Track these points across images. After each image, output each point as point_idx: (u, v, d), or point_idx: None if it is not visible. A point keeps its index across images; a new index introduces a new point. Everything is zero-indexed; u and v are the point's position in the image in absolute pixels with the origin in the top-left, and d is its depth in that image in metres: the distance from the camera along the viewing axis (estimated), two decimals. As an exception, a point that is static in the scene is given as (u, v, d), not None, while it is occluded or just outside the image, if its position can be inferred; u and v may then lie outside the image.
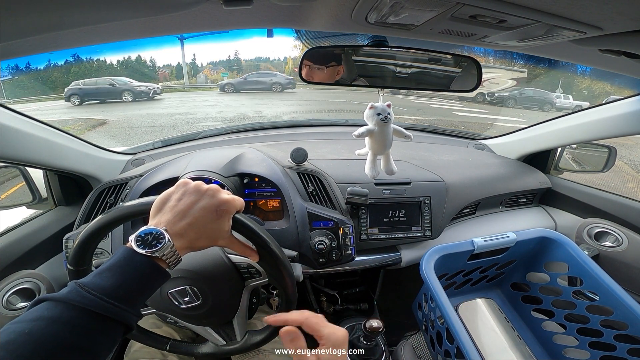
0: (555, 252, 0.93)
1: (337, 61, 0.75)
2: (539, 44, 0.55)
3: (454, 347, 0.72)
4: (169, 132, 5.59)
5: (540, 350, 0.96)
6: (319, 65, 0.76)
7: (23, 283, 0.79)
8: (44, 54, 0.91)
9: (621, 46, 0.50)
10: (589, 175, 1.52)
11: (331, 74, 0.77)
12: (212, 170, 0.82)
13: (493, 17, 0.43)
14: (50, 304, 0.33)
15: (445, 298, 0.76)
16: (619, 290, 0.79)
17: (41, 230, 0.90)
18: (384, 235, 0.95)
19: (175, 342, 0.65)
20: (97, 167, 1.03)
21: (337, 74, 0.76)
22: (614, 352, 0.81)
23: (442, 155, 1.24)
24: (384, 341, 0.96)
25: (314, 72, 0.76)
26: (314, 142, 1.26)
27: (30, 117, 0.82)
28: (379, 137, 0.78)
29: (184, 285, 0.56)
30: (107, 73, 11.58)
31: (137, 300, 0.39)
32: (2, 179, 1.03)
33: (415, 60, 0.76)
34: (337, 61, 0.75)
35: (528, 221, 1.19)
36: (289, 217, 0.84)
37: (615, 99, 0.96)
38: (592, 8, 0.38)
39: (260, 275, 0.59)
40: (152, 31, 0.55)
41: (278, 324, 0.44)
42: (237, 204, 0.48)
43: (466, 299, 1.01)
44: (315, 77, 0.77)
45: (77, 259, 0.49)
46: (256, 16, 0.52)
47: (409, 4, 0.42)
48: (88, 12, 0.40)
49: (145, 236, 0.40)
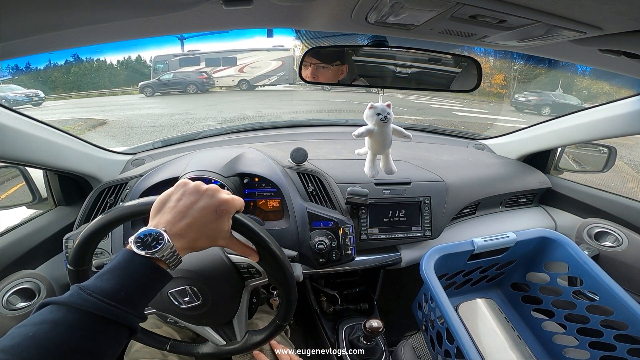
0: (555, 252, 0.93)
1: (337, 61, 0.75)
2: (539, 44, 0.55)
3: (454, 347, 0.72)
4: (169, 132, 5.58)
5: (540, 350, 0.96)
6: (319, 65, 0.76)
7: (23, 283, 0.79)
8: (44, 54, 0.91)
9: (621, 46, 0.50)
10: (589, 175, 1.52)
11: (331, 74, 0.77)
12: (212, 170, 0.82)
13: (493, 17, 0.43)
14: (53, 308, 0.34)
15: (445, 298, 0.76)
16: (619, 290, 0.79)
17: (41, 230, 0.90)
18: (384, 235, 0.95)
19: (175, 342, 0.65)
20: (97, 167, 1.02)
21: (339, 75, 0.76)
22: (614, 352, 0.81)
23: (442, 155, 1.24)
24: (384, 341, 0.96)
25: (314, 72, 0.76)
26: (314, 142, 1.26)
27: (30, 117, 0.82)
28: (379, 137, 0.78)
29: (184, 285, 0.56)
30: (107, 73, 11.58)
31: (140, 302, 0.39)
32: (2, 179, 1.03)
33: (415, 60, 0.76)
34: (338, 61, 0.75)
35: (528, 221, 1.19)
36: (289, 217, 0.84)
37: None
38: (592, 8, 0.38)
39: (260, 275, 0.59)
40: (152, 31, 0.55)
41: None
42: (237, 204, 0.48)
43: (466, 299, 1.01)
44: (315, 78, 0.77)
45: (77, 259, 0.49)
46: (256, 16, 0.52)
47: (409, 4, 0.42)
48: (88, 12, 0.40)
49: (144, 237, 0.40)
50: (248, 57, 10.21)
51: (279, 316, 0.59)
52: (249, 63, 10.19)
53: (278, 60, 10.32)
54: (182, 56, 9.78)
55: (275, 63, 10.32)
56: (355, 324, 1.02)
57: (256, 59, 10.29)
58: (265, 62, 10.30)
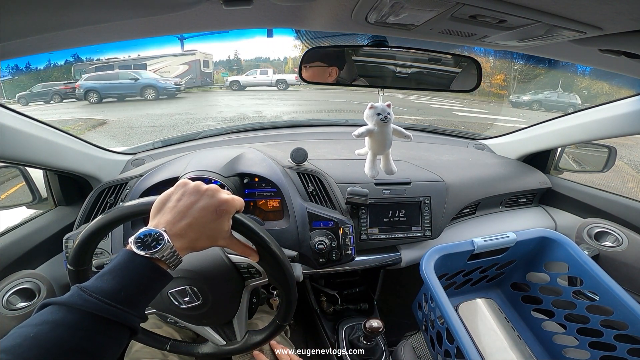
0: (555, 252, 0.93)
1: (337, 61, 0.75)
2: (539, 44, 0.55)
3: (454, 347, 0.72)
4: (169, 132, 5.58)
5: (540, 350, 0.96)
6: (319, 65, 0.76)
7: (23, 283, 0.79)
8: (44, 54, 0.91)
9: (621, 46, 0.50)
10: (589, 175, 1.52)
11: (331, 74, 0.77)
12: (212, 170, 0.82)
13: (493, 17, 0.43)
14: (54, 308, 0.34)
15: (445, 298, 0.76)
16: (619, 290, 0.79)
17: (41, 230, 0.90)
18: (384, 235, 0.95)
19: (175, 342, 0.65)
20: (97, 167, 1.02)
21: (338, 74, 0.76)
22: (614, 352, 0.81)
23: (442, 155, 1.24)
24: (384, 341, 0.96)
25: (314, 72, 0.76)
26: (314, 142, 1.26)
27: (30, 117, 0.82)
28: (379, 137, 0.78)
29: (184, 285, 0.56)
30: (107, 73, 11.60)
31: (140, 302, 0.39)
32: (2, 179, 1.03)
33: (415, 60, 0.76)
34: (337, 61, 0.75)
35: (528, 221, 1.19)
36: (289, 217, 0.84)
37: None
38: (592, 8, 0.38)
39: (260, 275, 0.59)
40: (152, 31, 0.55)
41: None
42: (237, 204, 0.48)
43: (466, 299, 1.01)
44: (315, 78, 0.77)
45: (77, 259, 0.49)
46: (256, 16, 0.52)
47: (409, 4, 0.42)
48: (88, 12, 0.40)
49: (144, 238, 0.40)
50: (158, 62, 10.63)
51: (279, 316, 0.59)
52: (159, 68, 10.54)
53: (185, 64, 10.81)
54: (99, 64, 9.67)
55: (183, 67, 10.78)
56: (355, 324, 1.02)
57: (166, 64, 10.74)
58: (174, 66, 10.77)
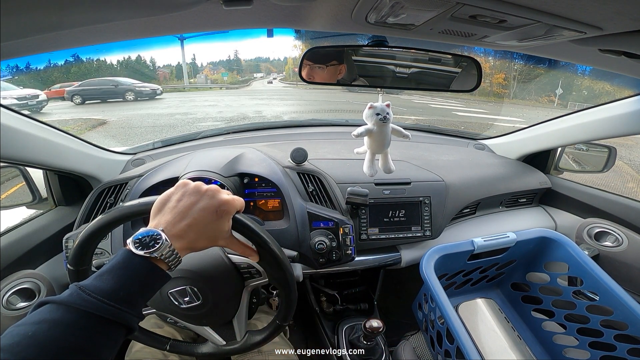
0: (555, 252, 0.93)
1: (337, 61, 0.75)
2: (539, 44, 0.55)
3: (454, 347, 0.72)
4: (169, 132, 5.58)
5: (540, 350, 0.96)
6: (319, 65, 0.76)
7: (23, 283, 0.79)
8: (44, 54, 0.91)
9: (621, 46, 0.50)
10: (589, 175, 1.52)
11: (331, 74, 0.76)
12: (212, 170, 0.82)
13: (493, 17, 0.43)
14: (52, 307, 0.34)
15: (445, 298, 0.76)
16: (619, 290, 0.79)
17: (41, 230, 0.90)
18: (384, 235, 0.95)
19: (175, 342, 0.65)
20: (97, 167, 1.02)
21: (339, 74, 0.76)
22: (614, 352, 0.81)
23: (442, 155, 1.24)
24: (384, 341, 0.96)
25: (314, 72, 0.76)
26: (314, 142, 1.26)
27: (30, 117, 0.82)
28: (378, 136, 0.78)
29: (184, 285, 0.56)
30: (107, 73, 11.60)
31: (138, 301, 0.39)
32: (2, 179, 1.03)
33: (415, 60, 0.76)
34: (338, 61, 0.75)
35: (528, 221, 1.19)
36: (289, 217, 0.84)
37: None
38: (592, 8, 0.38)
39: (260, 275, 0.59)
40: (152, 31, 0.55)
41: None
42: (237, 204, 0.48)
43: (466, 299, 1.01)
44: (315, 77, 0.77)
45: (77, 259, 0.49)
46: (256, 16, 0.52)
47: (409, 4, 0.42)
48: (88, 12, 0.40)
49: (142, 238, 0.40)
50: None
51: (279, 316, 0.59)
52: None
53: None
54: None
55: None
56: (355, 324, 1.02)
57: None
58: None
